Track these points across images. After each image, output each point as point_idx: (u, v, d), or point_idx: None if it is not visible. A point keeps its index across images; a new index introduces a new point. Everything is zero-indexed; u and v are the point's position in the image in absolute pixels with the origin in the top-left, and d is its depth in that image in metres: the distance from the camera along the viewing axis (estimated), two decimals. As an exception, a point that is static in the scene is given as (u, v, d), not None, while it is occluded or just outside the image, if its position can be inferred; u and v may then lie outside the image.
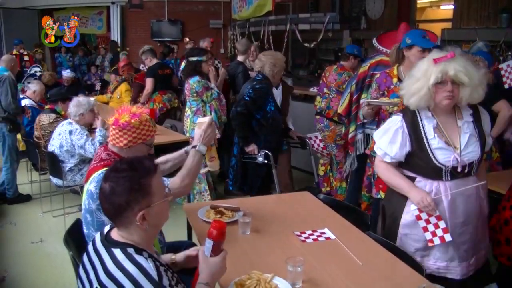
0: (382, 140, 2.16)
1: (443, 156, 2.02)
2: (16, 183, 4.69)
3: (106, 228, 1.51)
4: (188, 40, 8.40)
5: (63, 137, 3.89)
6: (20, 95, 5.02)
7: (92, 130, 4.10)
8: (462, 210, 2.07)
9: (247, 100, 3.60)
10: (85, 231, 1.99)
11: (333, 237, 2.11)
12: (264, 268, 1.75)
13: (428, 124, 2.07)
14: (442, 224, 2.03)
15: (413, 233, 2.12)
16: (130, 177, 1.38)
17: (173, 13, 10.64)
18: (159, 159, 2.33)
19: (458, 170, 2.03)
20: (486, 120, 2.14)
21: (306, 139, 4.26)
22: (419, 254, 2.11)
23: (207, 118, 2.31)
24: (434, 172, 2.06)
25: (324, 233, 2.15)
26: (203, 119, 2.29)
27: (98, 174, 1.94)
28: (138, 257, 1.36)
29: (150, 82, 5.54)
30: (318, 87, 4.84)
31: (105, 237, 1.46)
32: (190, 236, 2.52)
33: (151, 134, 2.04)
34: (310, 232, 2.16)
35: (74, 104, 3.95)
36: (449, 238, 2.02)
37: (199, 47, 5.13)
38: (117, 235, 1.44)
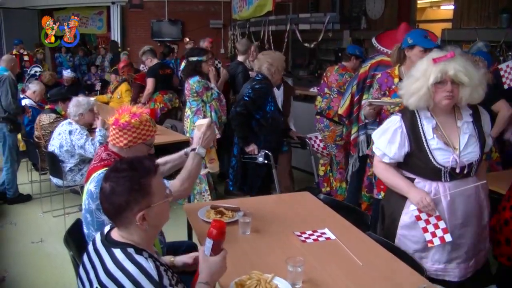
0: (381, 140, 2.13)
1: (442, 156, 2.01)
2: (16, 183, 4.69)
3: (107, 228, 1.51)
4: (188, 40, 8.40)
5: (63, 137, 3.89)
6: (20, 95, 5.02)
7: (92, 130, 4.10)
8: (462, 211, 2.06)
9: (247, 100, 3.60)
10: (85, 231, 1.99)
11: (333, 237, 2.11)
12: (264, 268, 1.75)
13: (427, 124, 2.05)
14: (442, 224, 2.02)
15: (411, 234, 2.11)
16: (130, 177, 1.38)
17: (173, 13, 10.65)
18: (159, 160, 2.33)
19: (457, 171, 2.02)
20: (486, 120, 2.12)
21: (306, 139, 4.25)
22: (417, 256, 2.09)
23: (206, 120, 2.30)
24: (433, 173, 2.04)
25: (324, 233, 2.15)
26: (202, 121, 2.28)
27: (98, 174, 1.94)
28: (138, 257, 1.37)
29: (151, 82, 5.54)
30: (319, 87, 4.83)
31: (105, 237, 1.46)
32: (190, 236, 2.52)
33: (151, 134, 2.04)
34: (311, 232, 2.16)
35: (73, 104, 3.95)
36: (449, 238, 2.00)
37: (199, 47, 5.14)
38: (117, 235, 1.44)
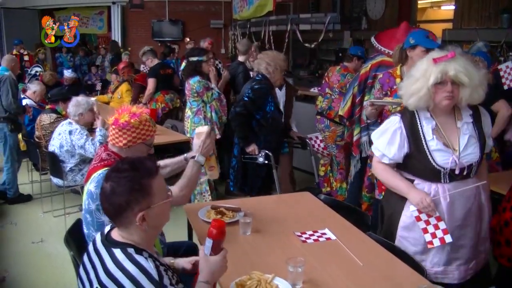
0: (380, 141, 2.12)
1: (442, 158, 1.99)
2: (17, 183, 4.69)
3: (107, 228, 1.51)
4: (188, 40, 8.39)
5: (63, 137, 3.88)
6: (21, 95, 5.03)
7: (92, 130, 4.10)
8: (461, 212, 2.04)
9: (246, 100, 3.59)
10: (85, 231, 2.00)
11: (333, 237, 2.11)
12: (264, 268, 1.75)
13: (426, 125, 2.03)
14: (442, 225, 2.01)
15: (410, 236, 2.09)
16: (131, 177, 1.38)
17: (174, 13, 10.64)
18: (159, 163, 2.33)
19: (456, 172, 2.00)
20: (487, 121, 2.10)
21: (306, 139, 4.24)
22: (417, 257, 2.07)
23: (205, 128, 2.30)
24: (432, 174, 2.03)
25: (324, 233, 2.15)
26: (202, 129, 2.28)
27: (98, 174, 1.94)
28: (138, 257, 1.37)
29: (152, 82, 5.53)
30: (320, 87, 4.83)
31: (105, 237, 1.46)
32: (190, 236, 2.52)
33: (151, 134, 2.04)
34: (311, 232, 2.16)
35: (73, 104, 3.95)
36: (449, 239, 1.99)
37: (200, 47, 5.13)
38: (117, 235, 1.44)
